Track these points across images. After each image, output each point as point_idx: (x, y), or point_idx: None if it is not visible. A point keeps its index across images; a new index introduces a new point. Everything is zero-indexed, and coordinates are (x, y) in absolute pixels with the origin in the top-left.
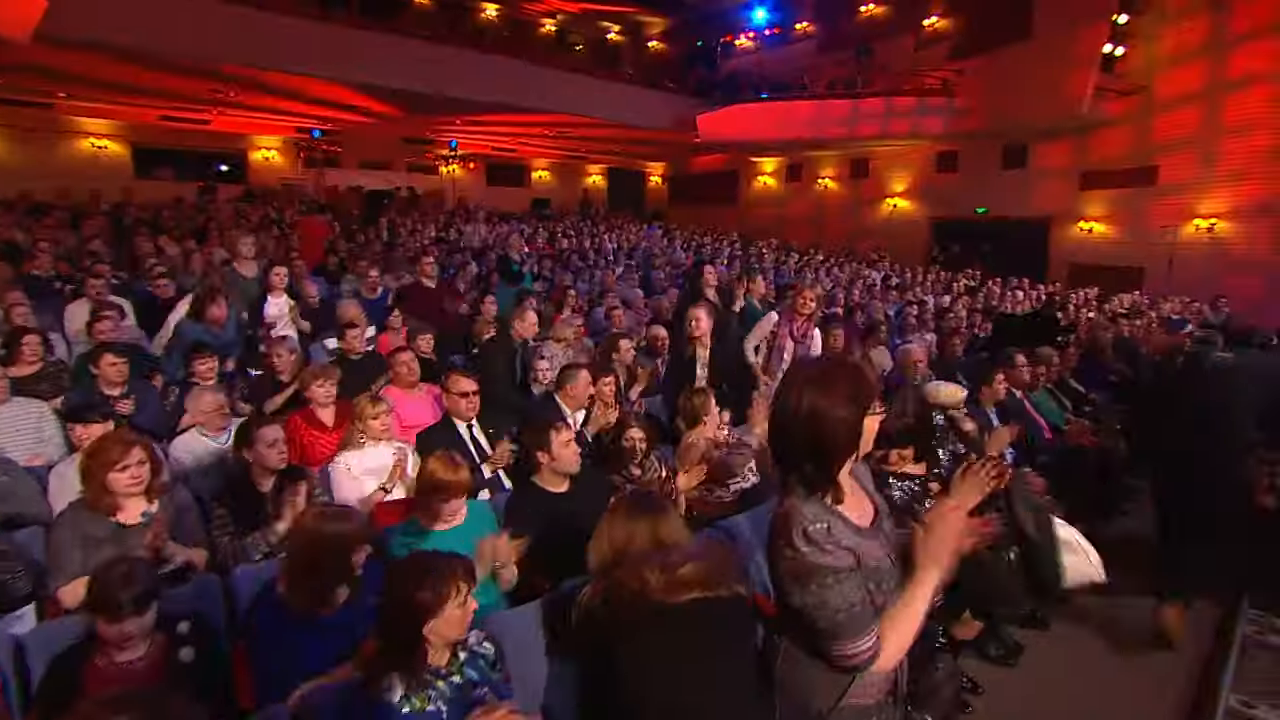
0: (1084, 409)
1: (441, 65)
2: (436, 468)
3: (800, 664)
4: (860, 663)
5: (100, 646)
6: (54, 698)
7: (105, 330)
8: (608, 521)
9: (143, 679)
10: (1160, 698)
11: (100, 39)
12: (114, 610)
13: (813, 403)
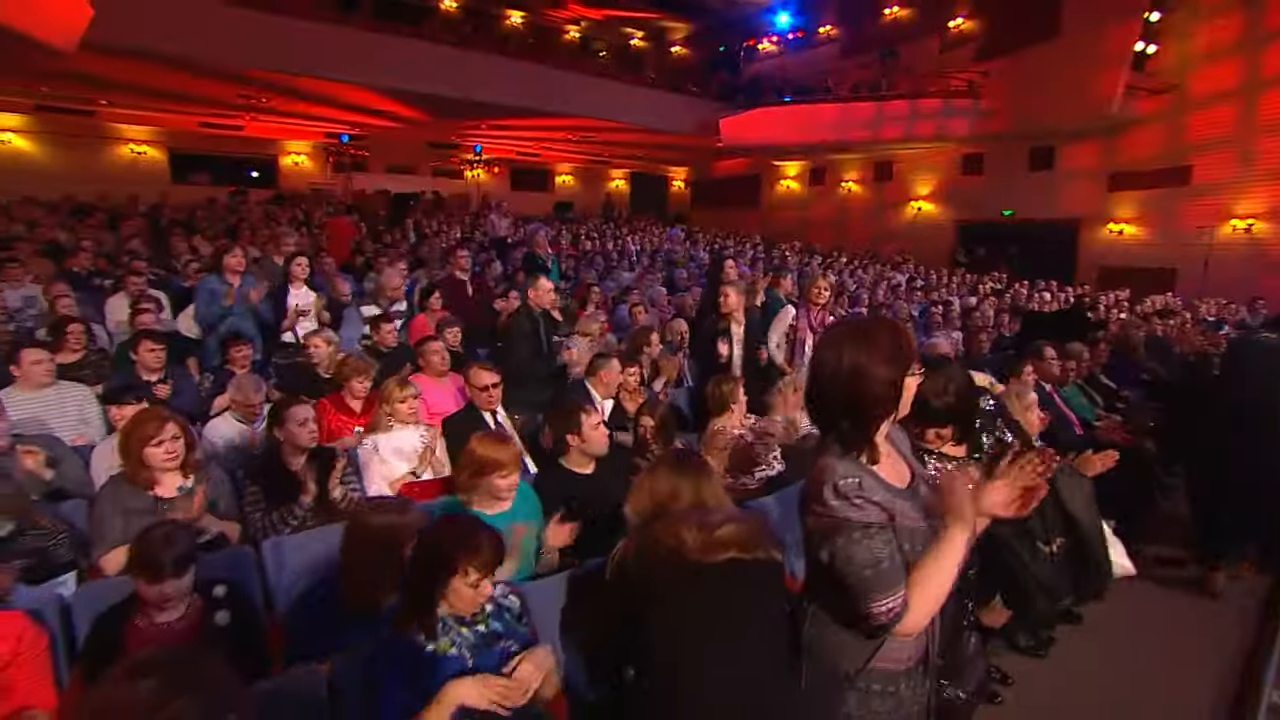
0: (1116, 406)
1: (468, 70)
2: (481, 446)
3: (829, 627)
4: (886, 620)
5: (141, 607)
6: (97, 655)
7: (145, 322)
8: (650, 476)
9: (180, 640)
10: (1199, 691)
11: (143, 47)
12: (155, 571)
13: (854, 359)
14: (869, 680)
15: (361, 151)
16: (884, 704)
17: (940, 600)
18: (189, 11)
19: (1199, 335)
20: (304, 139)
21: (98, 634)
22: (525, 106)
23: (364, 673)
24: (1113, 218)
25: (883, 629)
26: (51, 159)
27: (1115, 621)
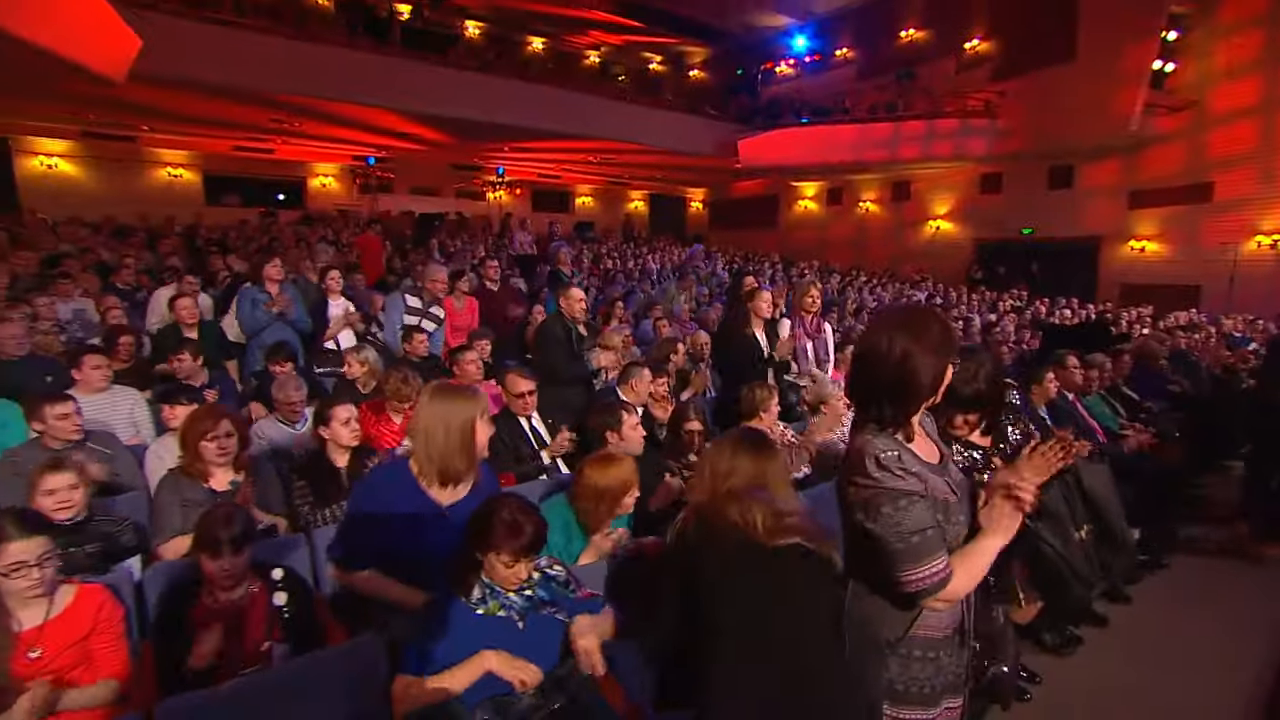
0: (1139, 416)
1: (492, 94)
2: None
3: (869, 598)
4: (930, 585)
5: (207, 586)
6: (167, 629)
7: (186, 305)
8: (715, 451)
9: (243, 617)
10: (1224, 693)
11: (187, 76)
12: (215, 547)
13: (905, 347)
14: (910, 647)
15: (387, 173)
16: (924, 670)
17: (981, 574)
18: (230, 42)
19: (1223, 349)
20: (332, 161)
21: (167, 610)
22: (547, 129)
23: (419, 627)
24: (1134, 235)
25: (925, 594)
26: (95, 182)
27: (1139, 623)
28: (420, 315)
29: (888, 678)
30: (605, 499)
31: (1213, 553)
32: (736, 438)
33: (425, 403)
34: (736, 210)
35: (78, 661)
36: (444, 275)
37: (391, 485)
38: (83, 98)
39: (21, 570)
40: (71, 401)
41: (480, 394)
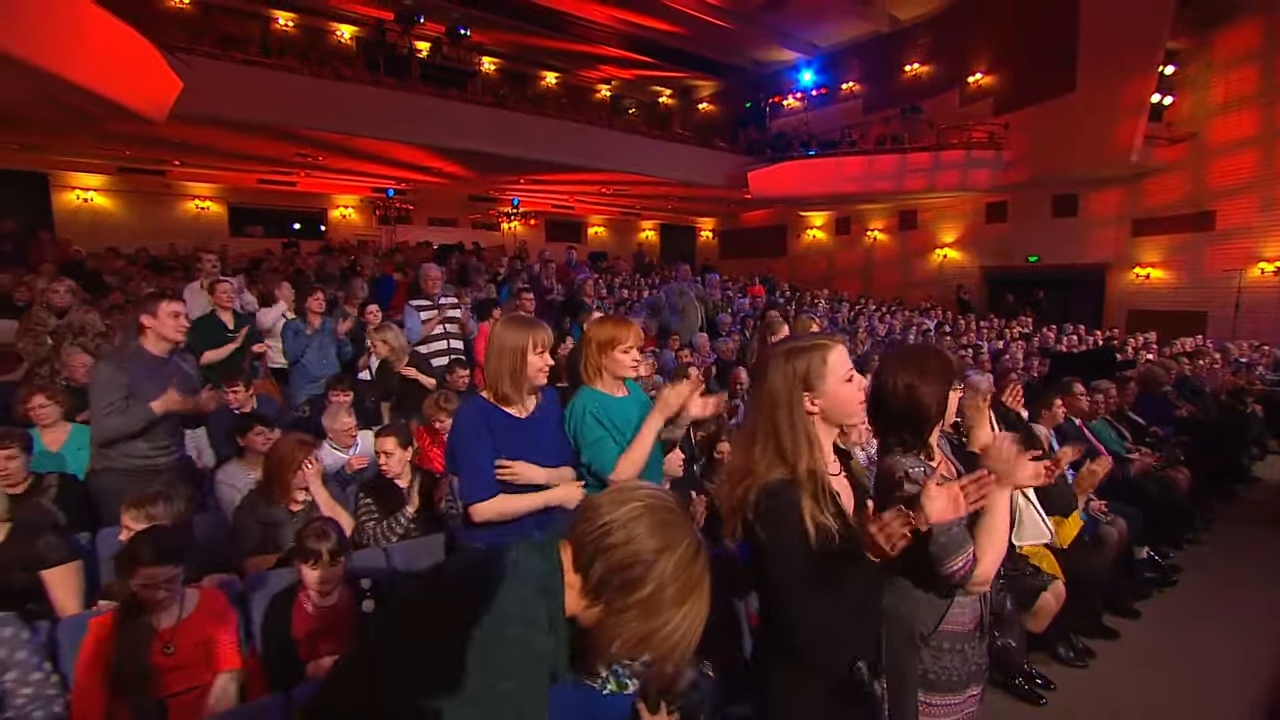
0: (1145, 440)
1: (509, 129)
2: (596, 329)
3: (907, 595)
4: (961, 575)
5: (305, 592)
6: (272, 629)
7: (226, 290)
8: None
9: (337, 621)
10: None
11: (220, 114)
12: (314, 558)
13: (909, 382)
14: (940, 640)
15: (406, 205)
16: (953, 660)
17: (1001, 555)
18: (262, 81)
19: (1229, 375)
20: (352, 193)
21: (272, 612)
22: (563, 162)
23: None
24: (1138, 262)
25: (959, 585)
26: (127, 214)
27: (1149, 636)
28: (430, 309)
29: (922, 668)
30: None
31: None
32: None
33: (492, 330)
34: (746, 239)
35: (203, 658)
36: (438, 272)
37: (474, 414)
38: (123, 136)
39: (151, 589)
40: (181, 302)
41: (536, 327)
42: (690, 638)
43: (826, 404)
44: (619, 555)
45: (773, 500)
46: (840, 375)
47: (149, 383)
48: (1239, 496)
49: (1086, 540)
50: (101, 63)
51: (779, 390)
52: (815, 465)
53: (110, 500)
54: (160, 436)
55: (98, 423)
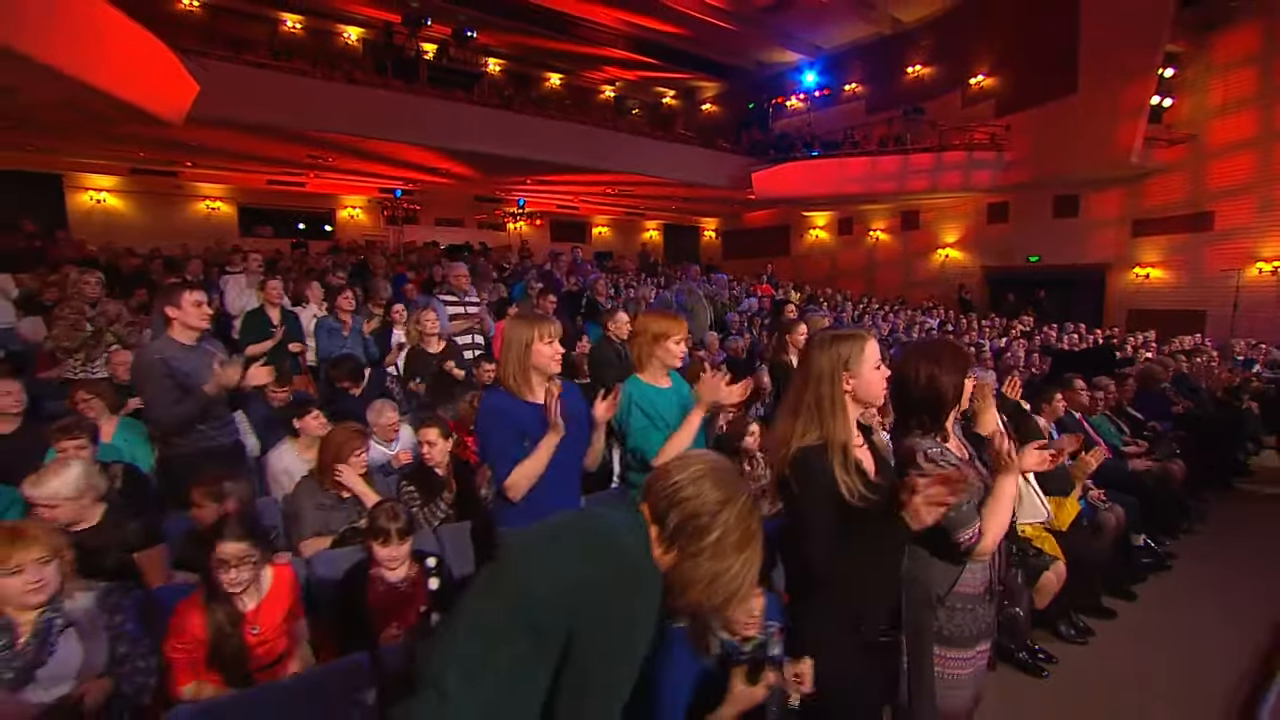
0: (1143, 434)
1: (516, 130)
2: (653, 321)
3: (923, 560)
4: (970, 545)
5: (375, 569)
6: (347, 601)
7: (276, 287)
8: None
9: (406, 596)
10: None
11: (234, 117)
12: (385, 537)
13: (930, 371)
14: (954, 601)
15: (414, 205)
16: (965, 619)
17: (1003, 529)
18: (274, 84)
19: (1227, 372)
20: (360, 194)
21: (345, 587)
22: (569, 163)
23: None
24: (1138, 262)
25: (967, 553)
26: (139, 215)
27: (1146, 617)
28: (456, 305)
29: (938, 626)
30: (644, 341)
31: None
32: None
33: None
34: (749, 239)
35: (284, 631)
36: (464, 270)
37: (494, 404)
38: (138, 138)
39: (233, 568)
40: (203, 290)
41: (541, 320)
42: (749, 582)
43: (859, 385)
44: (690, 507)
45: (808, 460)
46: (872, 363)
47: (190, 369)
48: (1235, 489)
49: (1086, 526)
50: (122, 67)
51: (823, 369)
52: (845, 435)
53: (184, 485)
54: (219, 416)
55: (162, 414)
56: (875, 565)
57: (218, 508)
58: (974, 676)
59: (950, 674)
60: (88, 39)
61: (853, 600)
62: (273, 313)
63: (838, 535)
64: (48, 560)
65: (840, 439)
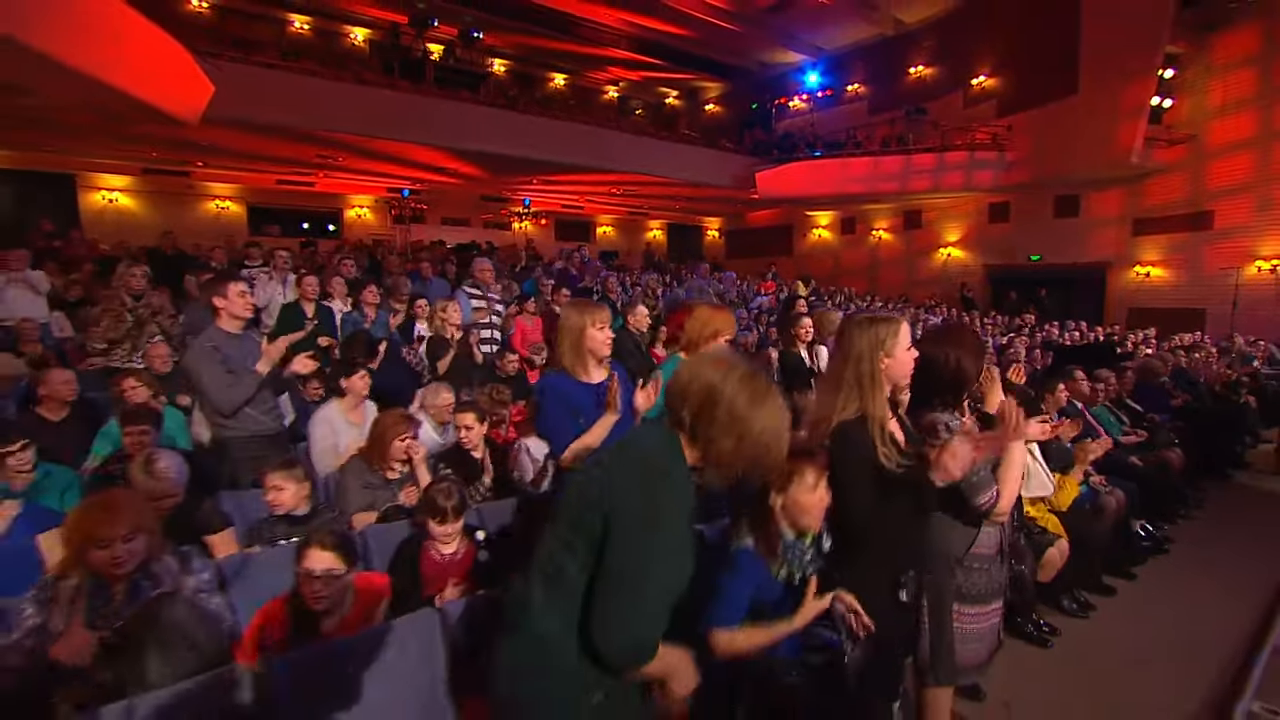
0: (1142, 424)
1: (524, 130)
2: (714, 314)
3: (945, 527)
4: (988, 506)
5: (430, 541)
6: (404, 571)
7: (311, 283)
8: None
9: (459, 568)
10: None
11: (247, 117)
12: (441, 514)
13: (957, 355)
14: (970, 561)
15: (421, 205)
16: (981, 578)
17: (1015, 492)
18: (286, 85)
19: (1224, 367)
20: (368, 193)
21: (402, 556)
22: (576, 163)
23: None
24: (1139, 261)
25: (985, 515)
26: (150, 214)
27: (1145, 593)
28: (480, 299)
29: (956, 584)
30: (697, 332)
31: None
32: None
33: (561, 313)
34: (752, 239)
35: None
36: (489, 265)
37: (552, 381)
38: (151, 138)
39: (307, 580)
40: (246, 281)
41: (595, 308)
42: (775, 435)
43: (893, 364)
44: (694, 394)
45: (849, 433)
46: (905, 344)
47: (238, 355)
48: (1231, 480)
49: (1088, 508)
50: (140, 67)
51: (862, 349)
52: (882, 409)
53: (240, 465)
54: (266, 401)
55: (218, 398)
56: (908, 528)
57: (297, 488)
58: (989, 631)
59: (968, 629)
60: (107, 39)
61: (889, 563)
62: (307, 307)
63: (876, 499)
64: (136, 535)
65: (878, 413)
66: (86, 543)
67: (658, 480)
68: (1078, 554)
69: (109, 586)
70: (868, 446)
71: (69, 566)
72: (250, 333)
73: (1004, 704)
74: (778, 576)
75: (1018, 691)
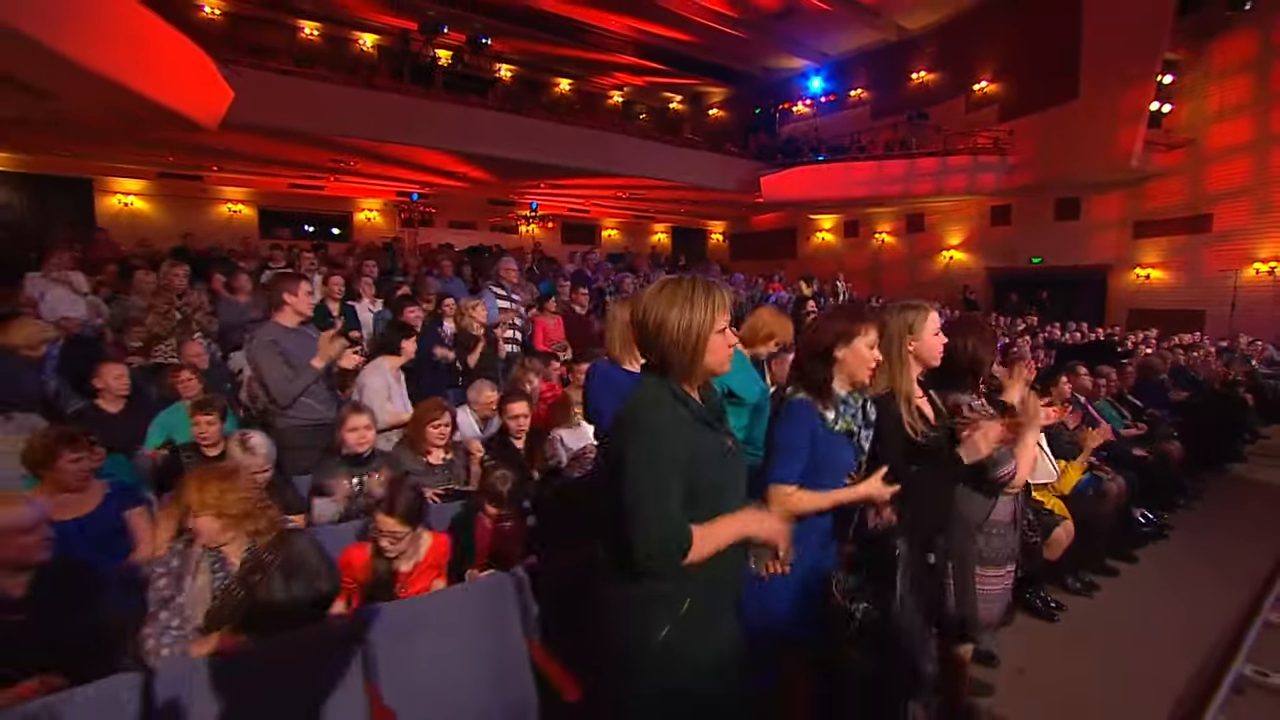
0: (1143, 419)
1: (534, 135)
2: (771, 316)
3: (965, 497)
4: (1008, 479)
5: (484, 519)
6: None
7: (339, 282)
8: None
9: (510, 535)
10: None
11: (263, 122)
12: (499, 500)
13: (974, 343)
14: (989, 528)
15: (429, 208)
16: (999, 542)
17: (1031, 466)
18: (301, 90)
19: (1223, 366)
20: (377, 197)
21: (456, 532)
22: (585, 167)
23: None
24: (1139, 263)
25: (1002, 486)
26: (164, 217)
27: (1147, 575)
28: (506, 299)
29: (976, 548)
30: (758, 332)
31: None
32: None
33: (610, 309)
34: (756, 242)
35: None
36: (514, 265)
37: (602, 369)
38: (168, 143)
39: (388, 540)
40: (308, 282)
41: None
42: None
43: (920, 347)
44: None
45: (880, 405)
46: (932, 330)
47: (296, 349)
48: (1230, 473)
49: (1091, 493)
50: (164, 72)
51: (893, 332)
52: (909, 386)
53: (296, 453)
54: (322, 392)
55: (277, 389)
56: (934, 495)
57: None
58: (1003, 593)
59: (986, 589)
60: (132, 44)
61: (919, 527)
62: (332, 306)
63: (905, 464)
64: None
65: (905, 389)
66: (211, 512)
67: (633, 412)
68: (1082, 536)
69: (225, 558)
70: (895, 419)
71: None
72: (305, 328)
73: (1018, 670)
74: (834, 429)
75: (1029, 660)
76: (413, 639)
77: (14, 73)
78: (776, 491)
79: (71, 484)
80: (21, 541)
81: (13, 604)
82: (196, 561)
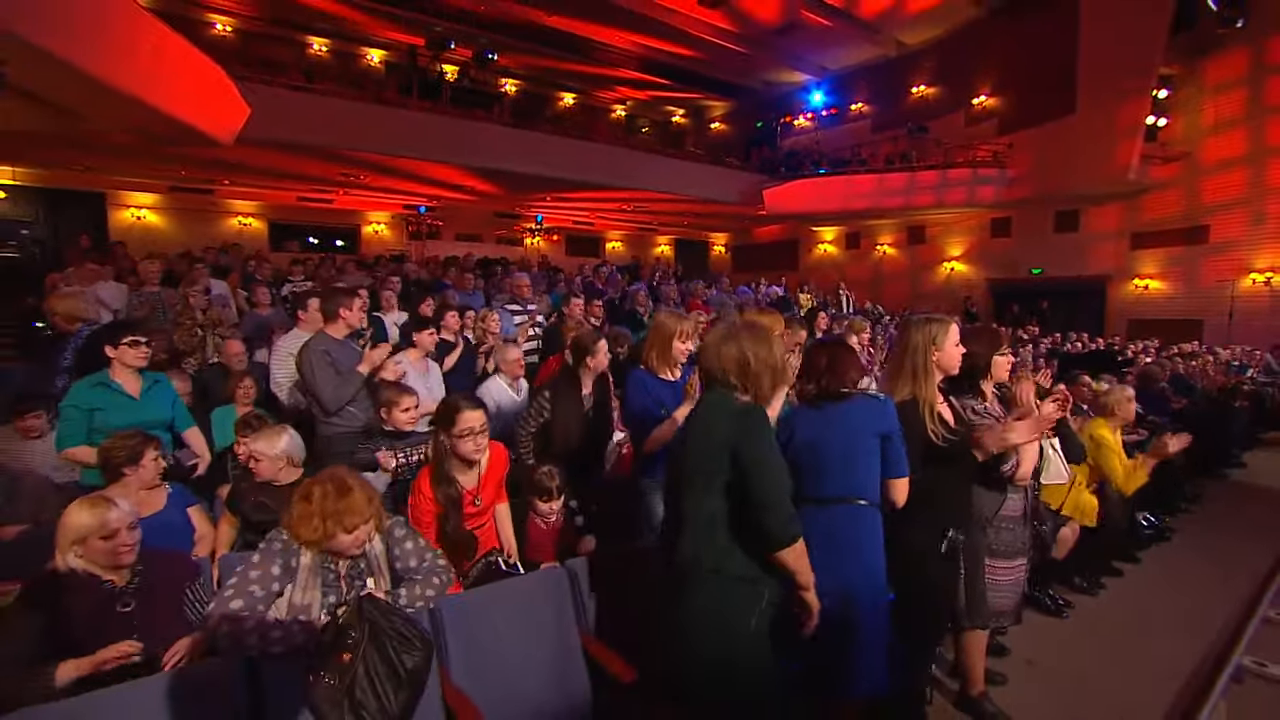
0: (1143, 426)
1: (539, 149)
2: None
3: (977, 493)
4: (1010, 474)
5: (535, 516)
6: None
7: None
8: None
9: (555, 531)
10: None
11: (275, 138)
12: (548, 494)
13: (975, 349)
14: (999, 522)
15: (436, 221)
16: (1009, 536)
17: (1033, 461)
18: (312, 106)
19: (1220, 374)
20: (385, 210)
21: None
22: (590, 181)
23: None
24: (1137, 274)
25: (1008, 481)
26: (175, 230)
27: (1151, 573)
28: (521, 313)
29: (988, 542)
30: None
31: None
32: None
33: (654, 319)
34: (758, 254)
35: (494, 497)
36: (527, 280)
37: (639, 376)
38: (185, 158)
39: (468, 436)
40: (361, 298)
41: (685, 321)
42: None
43: (942, 357)
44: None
45: (903, 410)
46: (953, 341)
47: (344, 358)
48: (1229, 479)
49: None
50: (184, 90)
51: (917, 343)
52: (931, 394)
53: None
54: (363, 399)
55: (327, 396)
56: (954, 490)
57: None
58: (1015, 584)
59: (997, 580)
60: (155, 62)
61: (938, 521)
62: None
63: (925, 465)
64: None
65: (928, 396)
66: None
67: (748, 419)
68: (1092, 536)
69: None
70: (919, 424)
71: (311, 545)
72: (350, 340)
73: (1027, 661)
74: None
75: (1037, 653)
76: (479, 624)
77: (46, 93)
78: (894, 486)
79: (153, 483)
80: (119, 542)
81: (122, 595)
82: (306, 574)
